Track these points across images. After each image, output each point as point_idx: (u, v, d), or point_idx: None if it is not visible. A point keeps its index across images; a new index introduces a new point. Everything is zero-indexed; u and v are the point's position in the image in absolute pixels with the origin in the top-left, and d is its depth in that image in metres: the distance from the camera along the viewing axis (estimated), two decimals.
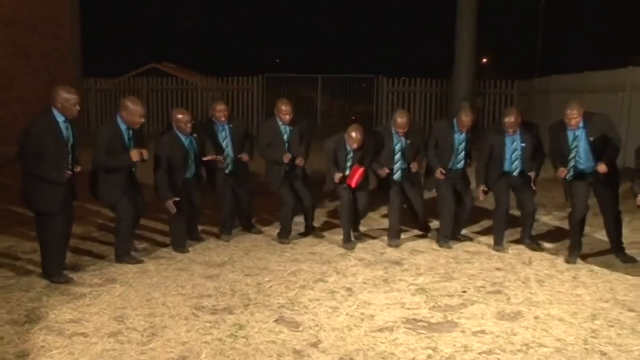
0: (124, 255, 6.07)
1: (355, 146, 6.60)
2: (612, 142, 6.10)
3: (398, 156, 6.79)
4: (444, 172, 6.71)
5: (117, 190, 5.91)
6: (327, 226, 7.66)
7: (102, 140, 5.76)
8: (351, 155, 6.70)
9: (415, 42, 38.02)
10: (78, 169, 5.50)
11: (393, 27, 39.42)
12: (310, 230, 7.27)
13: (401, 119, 6.67)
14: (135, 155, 5.76)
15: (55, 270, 5.50)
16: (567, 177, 6.21)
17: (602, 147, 6.06)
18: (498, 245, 6.74)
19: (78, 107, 5.38)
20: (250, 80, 20.26)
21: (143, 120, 5.89)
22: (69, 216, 5.64)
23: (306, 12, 41.42)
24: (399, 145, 6.78)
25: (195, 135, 6.54)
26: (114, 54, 32.39)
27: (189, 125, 6.41)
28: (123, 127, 5.82)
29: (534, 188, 6.64)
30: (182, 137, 6.41)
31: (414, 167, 6.85)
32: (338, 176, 6.64)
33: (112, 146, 5.75)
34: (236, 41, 40.24)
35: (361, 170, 6.61)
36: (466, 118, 6.69)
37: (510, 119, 6.39)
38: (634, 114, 10.78)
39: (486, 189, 6.65)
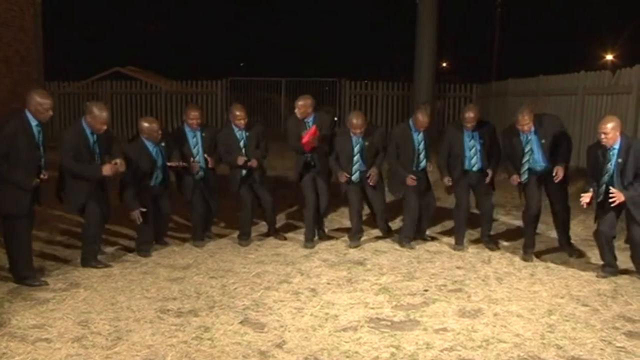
0: (90, 260, 6.01)
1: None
2: (564, 143, 6.32)
3: (357, 157, 6.82)
4: (414, 177, 6.75)
5: (81, 197, 5.83)
6: (289, 227, 7.72)
7: (68, 144, 5.70)
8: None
9: (377, 46, 38.36)
10: (45, 176, 5.47)
11: (355, 30, 39.67)
12: (272, 232, 7.28)
13: (356, 119, 6.68)
14: (107, 169, 5.71)
15: (30, 272, 5.47)
16: (522, 180, 6.39)
17: (555, 147, 6.27)
18: (458, 244, 6.89)
19: (51, 112, 5.38)
20: (214, 84, 20.18)
21: (105, 127, 5.82)
22: (31, 220, 5.59)
23: (270, 16, 41.42)
24: (358, 146, 6.81)
25: (163, 144, 6.47)
26: (78, 57, 31.85)
27: (157, 134, 6.34)
28: (87, 130, 5.77)
29: (492, 185, 6.82)
30: (150, 146, 6.35)
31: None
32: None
33: (77, 150, 5.69)
34: (200, 45, 39.94)
35: (312, 129, 6.68)
36: (423, 117, 6.78)
37: (469, 114, 6.58)
38: (586, 116, 11.14)
39: (451, 180, 6.74)
